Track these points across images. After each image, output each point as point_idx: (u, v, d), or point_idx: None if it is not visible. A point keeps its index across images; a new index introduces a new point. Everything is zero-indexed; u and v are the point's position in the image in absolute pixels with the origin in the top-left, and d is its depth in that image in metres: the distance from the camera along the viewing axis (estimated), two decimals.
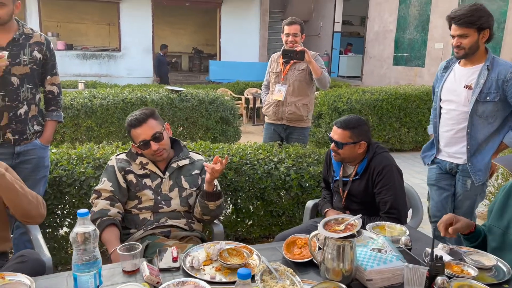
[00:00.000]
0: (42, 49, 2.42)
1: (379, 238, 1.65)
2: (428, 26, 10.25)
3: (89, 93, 5.68)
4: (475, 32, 2.34)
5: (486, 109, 2.41)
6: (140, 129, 2.12)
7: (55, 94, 2.56)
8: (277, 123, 3.82)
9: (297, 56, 3.42)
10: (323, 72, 3.54)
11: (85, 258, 1.35)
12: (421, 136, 6.94)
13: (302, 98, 3.72)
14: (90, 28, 14.98)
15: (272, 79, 3.80)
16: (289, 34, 3.58)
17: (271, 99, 3.80)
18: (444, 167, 2.66)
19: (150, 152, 2.14)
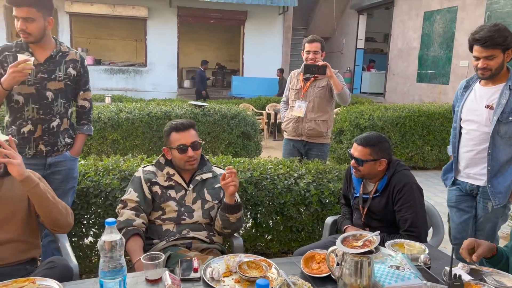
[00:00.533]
0: (77, 66, 2.55)
1: (398, 255, 1.65)
2: (453, 43, 10.17)
3: (115, 107, 5.86)
4: (501, 52, 2.31)
5: (508, 129, 2.38)
6: (182, 134, 2.24)
7: (86, 108, 2.68)
8: (297, 139, 3.85)
9: (319, 71, 3.46)
10: (344, 87, 3.57)
11: (111, 266, 1.41)
12: (445, 154, 6.82)
13: (322, 115, 3.74)
14: (118, 44, 15.48)
15: (292, 95, 3.84)
16: (310, 52, 3.63)
17: (290, 115, 3.84)
18: (464, 188, 2.62)
19: (183, 158, 2.23)
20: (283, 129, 4.00)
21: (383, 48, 16.19)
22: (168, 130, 2.30)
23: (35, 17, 2.30)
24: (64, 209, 1.97)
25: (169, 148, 2.28)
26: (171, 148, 2.27)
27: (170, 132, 2.28)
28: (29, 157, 2.46)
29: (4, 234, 1.88)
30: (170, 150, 2.28)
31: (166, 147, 2.30)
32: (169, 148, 2.28)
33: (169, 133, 2.28)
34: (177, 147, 2.23)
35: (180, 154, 2.23)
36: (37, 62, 2.41)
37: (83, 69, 2.60)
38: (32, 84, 2.40)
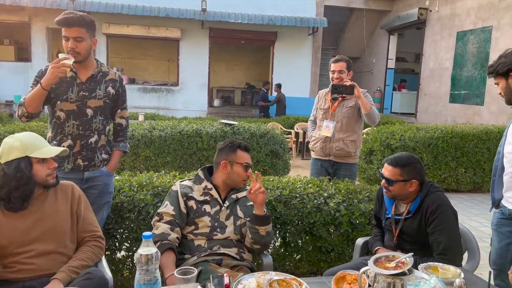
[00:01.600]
0: (116, 85, 2.68)
1: (432, 279, 1.62)
2: (487, 63, 9.94)
3: (149, 124, 6.04)
4: (503, 79, 2.36)
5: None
6: (247, 155, 2.44)
7: (123, 126, 2.79)
8: (324, 158, 3.82)
9: (346, 91, 3.44)
10: (372, 107, 3.53)
11: (146, 278, 1.45)
12: (480, 177, 6.62)
13: (350, 135, 3.71)
14: (151, 63, 16.00)
15: (320, 115, 3.83)
16: (335, 71, 3.62)
17: (318, 135, 3.82)
18: (505, 212, 2.51)
19: (243, 176, 2.37)
20: (310, 149, 3.99)
21: (414, 68, 16.02)
22: (233, 146, 2.40)
23: (84, 37, 2.45)
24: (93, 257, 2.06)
25: (230, 162, 2.36)
26: (236, 163, 2.36)
27: (236, 149, 2.39)
28: (67, 171, 2.57)
29: (46, 246, 1.96)
30: (231, 164, 2.36)
31: (227, 161, 2.37)
32: (231, 162, 2.36)
33: (234, 149, 2.39)
34: (244, 163, 2.36)
35: (243, 171, 2.36)
36: (80, 80, 2.55)
37: (122, 88, 2.72)
38: (74, 102, 2.53)
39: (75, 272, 1.88)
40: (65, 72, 2.34)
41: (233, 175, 2.35)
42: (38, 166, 1.96)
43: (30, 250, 1.92)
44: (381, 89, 15.07)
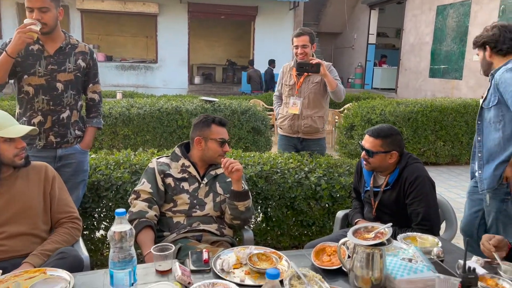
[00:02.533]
0: (86, 58, 2.57)
1: (410, 248, 1.63)
2: (466, 37, 10.01)
3: (126, 102, 5.90)
4: (481, 51, 2.48)
5: (492, 115, 2.40)
6: (223, 129, 2.33)
7: (96, 101, 2.69)
8: (293, 136, 3.74)
9: (312, 69, 3.33)
10: (338, 84, 3.45)
11: (121, 256, 1.41)
12: (458, 150, 6.74)
13: (318, 111, 3.64)
14: (129, 40, 15.57)
15: (286, 91, 3.71)
16: (298, 46, 3.48)
17: (286, 112, 3.71)
18: None
19: (218, 151, 2.27)
20: (278, 126, 3.85)
21: (395, 43, 16.03)
22: (207, 121, 2.30)
23: (49, 6, 2.32)
24: (68, 240, 1.99)
25: (204, 138, 2.27)
26: (210, 138, 2.27)
27: (210, 124, 2.29)
28: (40, 148, 2.48)
29: (18, 227, 1.89)
30: (205, 141, 2.27)
31: (201, 137, 2.28)
32: (205, 139, 2.27)
33: (209, 124, 2.29)
34: (219, 139, 2.27)
35: (219, 147, 2.27)
36: (48, 53, 2.43)
37: (93, 61, 2.61)
38: (42, 76, 2.42)
39: (49, 256, 1.83)
40: (33, 37, 2.22)
41: (208, 152, 2.28)
42: (4, 146, 1.87)
43: (1, 232, 1.86)
44: (362, 64, 15.08)
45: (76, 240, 2.05)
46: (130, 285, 1.44)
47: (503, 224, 2.44)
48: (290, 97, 3.67)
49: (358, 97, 9.93)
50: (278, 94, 3.91)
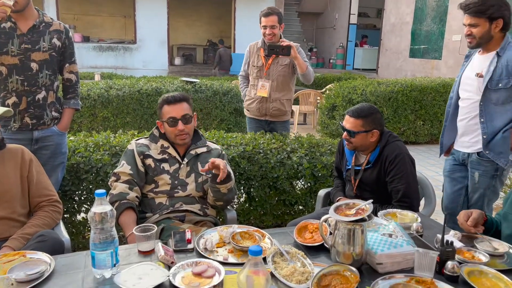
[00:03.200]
0: (61, 37, 2.48)
1: (390, 224, 1.66)
2: (446, 17, 10.08)
3: (105, 83, 5.77)
4: (486, 21, 2.27)
5: (500, 96, 2.33)
6: (173, 107, 2.21)
7: (73, 82, 2.62)
8: (260, 118, 3.70)
9: (283, 52, 3.27)
10: (308, 66, 3.41)
11: (102, 237, 1.40)
12: (436, 128, 6.86)
13: (286, 93, 3.60)
14: (106, 20, 15.14)
15: (254, 73, 3.63)
16: (266, 26, 3.40)
17: (254, 95, 3.64)
18: (458, 158, 2.62)
19: (174, 132, 2.20)
20: (245, 108, 3.81)
21: (376, 24, 16.04)
22: (160, 102, 2.27)
23: None
24: (49, 223, 1.95)
25: (162, 121, 2.25)
26: (163, 120, 2.24)
27: (162, 105, 2.25)
28: (15, 131, 2.41)
29: None
30: (163, 123, 2.25)
31: (159, 120, 2.27)
32: (162, 121, 2.25)
33: (161, 105, 2.26)
34: (167, 119, 2.21)
35: (170, 127, 2.21)
36: (20, 32, 2.34)
37: (68, 40, 2.53)
38: (16, 55, 2.33)
39: (28, 239, 1.80)
40: (6, 12, 2.13)
41: (167, 133, 2.25)
42: None
43: None
44: (344, 45, 15.07)
45: (56, 223, 2.02)
46: (112, 266, 1.43)
47: (489, 200, 2.50)
48: (258, 79, 3.58)
49: (340, 77, 9.96)
50: (244, 74, 3.80)
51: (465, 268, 1.48)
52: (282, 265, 1.47)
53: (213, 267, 1.46)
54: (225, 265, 1.50)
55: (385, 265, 1.50)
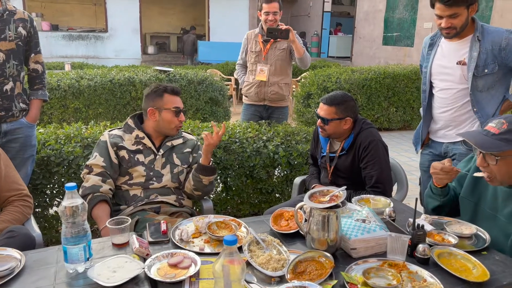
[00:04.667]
0: (27, 25, 2.39)
1: (364, 210, 1.69)
2: (417, 5, 10.23)
3: (76, 74, 5.61)
4: (465, 9, 2.13)
5: (485, 82, 2.22)
6: (176, 98, 2.23)
7: (39, 72, 2.53)
8: (259, 103, 3.75)
9: (282, 35, 3.33)
10: (305, 51, 3.50)
11: (74, 231, 1.37)
12: (409, 115, 7.01)
13: (284, 78, 3.67)
14: (76, 8, 14.67)
15: (252, 58, 3.69)
16: (269, 13, 3.47)
17: (252, 80, 3.70)
18: (438, 150, 2.47)
19: (175, 122, 2.20)
20: (244, 94, 3.84)
21: (350, 11, 16.13)
22: (159, 90, 2.20)
23: None
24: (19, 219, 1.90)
25: (158, 109, 2.18)
26: (164, 108, 2.17)
27: (162, 93, 2.19)
28: None
29: None
30: (159, 111, 2.18)
31: (154, 108, 2.18)
32: (159, 109, 2.18)
33: (161, 93, 2.19)
34: (174, 108, 2.18)
35: (174, 117, 2.19)
36: None
37: (33, 29, 2.44)
38: None
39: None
40: None
41: (163, 123, 2.19)
42: None
43: None
44: (318, 33, 15.12)
45: (27, 218, 1.96)
46: (86, 260, 1.41)
47: None
48: (256, 64, 3.66)
49: (315, 65, 10.00)
50: (242, 63, 3.86)
51: (435, 250, 1.53)
52: (258, 253, 1.48)
53: (189, 257, 1.46)
54: (201, 255, 1.50)
55: (359, 250, 1.53)
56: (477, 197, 1.83)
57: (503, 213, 1.70)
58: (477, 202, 1.83)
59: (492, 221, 1.75)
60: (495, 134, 1.59)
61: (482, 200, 1.81)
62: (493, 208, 1.75)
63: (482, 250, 1.59)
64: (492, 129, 1.61)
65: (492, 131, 1.61)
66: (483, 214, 1.80)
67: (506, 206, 1.70)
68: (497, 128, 1.60)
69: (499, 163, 1.59)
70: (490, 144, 1.59)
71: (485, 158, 1.63)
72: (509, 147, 1.56)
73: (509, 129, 1.57)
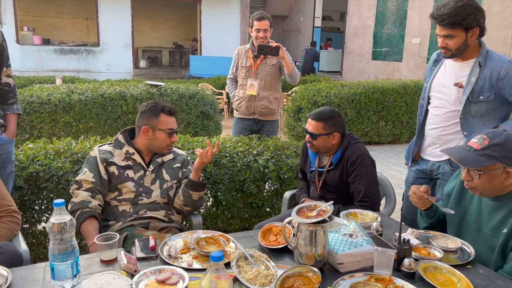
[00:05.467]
0: None
1: (351, 224, 1.71)
2: (406, 21, 10.44)
3: (67, 88, 5.60)
4: (462, 32, 2.08)
5: (479, 108, 2.19)
6: (172, 119, 2.25)
7: (11, 86, 2.50)
8: (249, 117, 3.81)
9: (272, 52, 3.43)
10: (294, 67, 3.58)
11: (61, 248, 1.36)
12: (398, 129, 7.09)
13: (274, 92, 3.76)
14: (68, 22, 14.70)
15: (242, 73, 3.78)
16: (260, 30, 3.57)
17: (242, 94, 3.77)
18: (424, 168, 2.46)
19: (167, 142, 2.22)
20: (234, 108, 3.91)
21: (339, 27, 16.40)
22: (155, 110, 2.21)
23: None
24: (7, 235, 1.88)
25: (152, 128, 2.19)
26: (159, 129, 2.19)
27: (159, 113, 2.20)
28: None
29: None
30: (153, 130, 2.19)
31: (149, 126, 2.19)
32: (153, 128, 2.19)
33: (157, 113, 2.20)
34: (168, 129, 2.20)
35: (167, 138, 2.21)
36: None
37: (5, 42, 2.42)
38: None
39: None
40: None
41: (156, 142, 2.21)
42: None
43: None
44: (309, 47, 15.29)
45: (15, 235, 1.95)
46: (73, 276, 1.40)
47: None
48: (247, 78, 3.74)
49: (305, 80, 10.10)
50: (232, 77, 3.94)
51: (421, 264, 1.55)
52: (246, 269, 1.49)
53: (177, 273, 1.46)
54: (190, 271, 1.50)
55: (346, 264, 1.55)
56: (462, 211, 1.87)
57: (487, 226, 1.74)
58: (462, 216, 1.86)
59: (476, 234, 1.78)
60: (477, 149, 1.63)
61: (467, 214, 1.84)
62: (478, 221, 1.79)
63: (467, 264, 1.62)
64: (474, 145, 1.65)
65: (474, 146, 1.65)
66: (467, 227, 1.83)
67: (490, 219, 1.73)
68: (479, 144, 1.64)
69: (482, 178, 1.63)
70: (472, 160, 1.63)
71: (469, 173, 1.68)
72: (490, 162, 1.60)
73: (491, 145, 1.61)
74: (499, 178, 1.62)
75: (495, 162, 1.60)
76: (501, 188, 1.65)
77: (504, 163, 1.60)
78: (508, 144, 1.60)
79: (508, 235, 1.64)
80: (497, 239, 1.67)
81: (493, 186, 1.64)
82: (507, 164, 1.60)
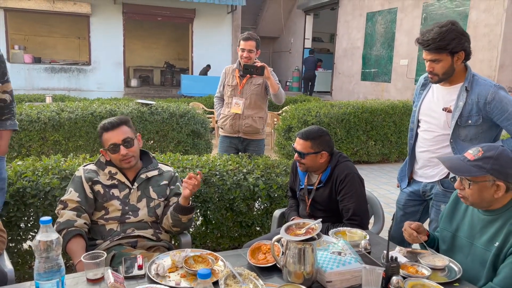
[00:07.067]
0: None
1: (340, 242, 1.72)
2: (394, 43, 10.68)
3: (56, 106, 5.59)
4: (448, 56, 2.12)
5: (468, 132, 2.22)
6: (112, 133, 2.16)
7: (7, 102, 2.49)
8: (234, 135, 3.84)
9: (257, 72, 3.48)
10: (279, 87, 3.63)
11: (47, 266, 1.35)
12: (387, 148, 7.16)
13: (258, 112, 3.78)
14: (59, 41, 14.77)
15: (228, 92, 3.82)
16: (244, 50, 3.63)
17: (227, 112, 3.81)
18: (417, 190, 2.48)
19: (118, 157, 2.16)
20: (219, 126, 3.95)
21: (329, 48, 16.68)
22: (99, 130, 2.21)
23: None
24: None
25: (105, 149, 2.20)
26: (106, 148, 2.18)
27: (101, 134, 2.20)
28: None
29: None
30: (106, 151, 2.20)
31: (103, 149, 2.21)
32: (105, 149, 2.20)
33: (100, 133, 2.20)
34: (108, 147, 2.16)
35: (112, 154, 2.16)
36: None
37: (1, 58, 2.43)
38: None
39: None
40: None
41: (113, 160, 2.20)
42: None
43: None
44: (299, 68, 15.51)
45: (0, 254, 1.91)
46: None
47: None
48: (232, 97, 3.77)
49: (296, 99, 10.21)
50: (220, 96, 3.98)
51: (409, 282, 1.55)
52: (235, 287, 1.48)
53: None
54: None
55: (335, 282, 1.55)
56: (454, 227, 1.89)
57: (480, 241, 1.76)
58: (455, 233, 1.89)
59: (469, 249, 1.80)
60: (470, 160, 1.70)
61: (459, 230, 1.87)
62: (470, 236, 1.81)
63: (454, 282, 1.63)
64: (469, 156, 1.72)
65: (468, 157, 1.71)
66: (460, 243, 1.85)
67: (483, 233, 1.76)
68: (473, 155, 1.71)
69: (472, 188, 1.69)
70: (462, 169, 1.70)
71: (462, 182, 1.74)
72: (480, 173, 1.65)
73: (484, 157, 1.67)
74: (488, 190, 1.67)
75: (485, 174, 1.65)
76: (491, 200, 1.69)
77: (494, 176, 1.64)
78: (501, 158, 1.65)
79: (499, 248, 1.67)
80: (489, 253, 1.70)
81: (482, 197, 1.69)
82: (497, 177, 1.65)
